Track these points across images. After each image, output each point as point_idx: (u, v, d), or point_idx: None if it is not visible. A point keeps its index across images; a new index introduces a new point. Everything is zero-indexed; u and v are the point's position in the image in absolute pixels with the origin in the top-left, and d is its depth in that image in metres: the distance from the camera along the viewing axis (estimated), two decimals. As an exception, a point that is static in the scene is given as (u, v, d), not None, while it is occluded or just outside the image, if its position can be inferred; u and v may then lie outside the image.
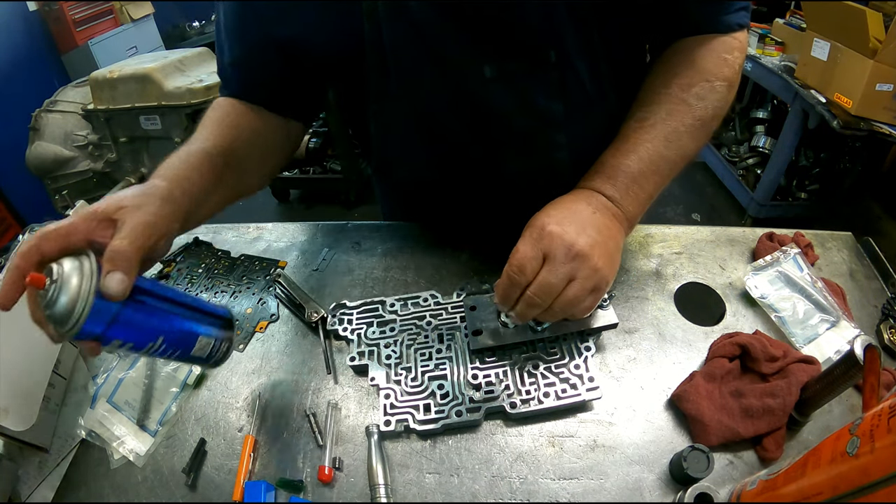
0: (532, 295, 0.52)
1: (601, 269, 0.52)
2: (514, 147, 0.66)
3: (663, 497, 0.51)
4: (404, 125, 0.66)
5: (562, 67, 0.58)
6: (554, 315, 0.54)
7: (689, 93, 0.59)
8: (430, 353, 0.62)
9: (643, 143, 0.58)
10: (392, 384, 0.60)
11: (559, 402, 0.57)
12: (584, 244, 0.51)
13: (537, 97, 0.61)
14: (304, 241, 0.84)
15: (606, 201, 0.57)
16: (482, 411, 0.57)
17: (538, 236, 0.52)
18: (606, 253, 0.53)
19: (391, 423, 0.56)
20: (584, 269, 0.51)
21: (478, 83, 0.59)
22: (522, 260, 0.52)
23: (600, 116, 0.66)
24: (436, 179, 0.75)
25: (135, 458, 0.58)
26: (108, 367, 0.66)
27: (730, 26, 0.61)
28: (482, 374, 0.60)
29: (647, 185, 0.58)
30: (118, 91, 1.33)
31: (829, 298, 0.66)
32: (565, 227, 0.52)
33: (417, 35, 0.56)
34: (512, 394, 0.58)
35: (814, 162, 2.32)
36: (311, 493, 0.54)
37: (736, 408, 0.55)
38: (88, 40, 2.93)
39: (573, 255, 0.51)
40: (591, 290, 0.53)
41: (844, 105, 1.83)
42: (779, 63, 2.24)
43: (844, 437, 0.36)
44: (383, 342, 0.64)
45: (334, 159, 2.76)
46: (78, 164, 1.46)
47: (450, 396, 0.58)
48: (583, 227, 0.53)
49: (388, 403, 0.58)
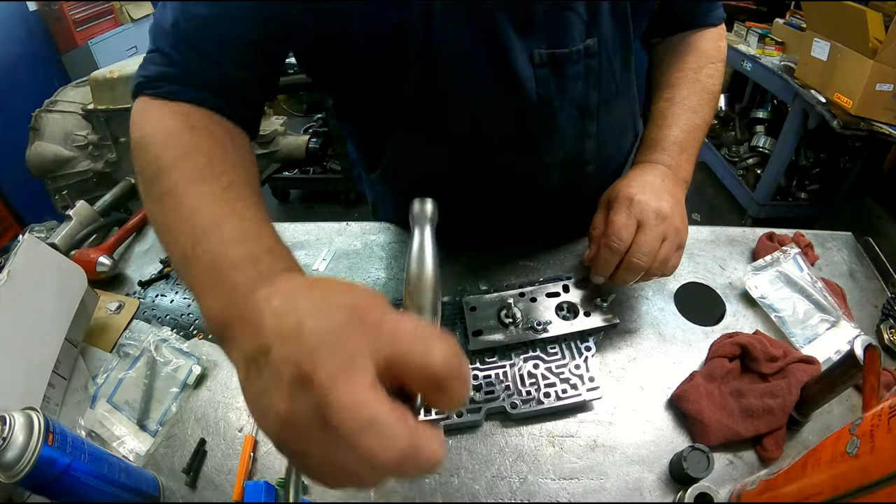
0: (635, 260, 0.57)
1: (681, 229, 0.60)
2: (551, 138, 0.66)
3: (663, 497, 0.51)
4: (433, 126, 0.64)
5: (600, 56, 0.60)
6: (649, 275, 0.59)
7: (700, 73, 0.71)
8: None
9: (678, 116, 0.68)
10: None
11: (559, 402, 0.57)
12: (667, 208, 0.58)
13: (579, 84, 0.61)
14: (304, 241, 0.84)
15: (666, 170, 0.65)
16: (483, 412, 0.57)
17: (628, 205, 0.59)
18: (681, 213, 0.61)
19: None
20: (671, 230, 0.58)
21: (527, 69, 0.58)
22: (621, 228, 0.57)
23: (623, 106, 0.69)
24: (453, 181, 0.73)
25: (135, 458, 0.58)
26: (108, 367, 0.66)
27: (718, 19, 0.75)
28: (482, 375, 0.60)
29: (691, 149, 0.68)
30: (118, 91, 1.33)
31: (829, 298, 0.66)
32: (648, 195, 0.59)
33: (471, 17, 0.54)
34: (512, 394, 0.58)
35: (814, 162, 2.32)
36: (311, 493, 0.54)
37: (736, 408, 0.55)
38: (88, 40, 2.93)
39: (662, 218, 0.58)
40: (678, 247, 0.60)
41: (844, 105, 1.83)
42: (779, 63, 2.24)
43: (844, 437, 0.36)
44: None
45: (334, 159, 2.76)
46: (78, 164, 1.46)
47: None
48: (659, 194, 0.60)
49: None
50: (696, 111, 0.69)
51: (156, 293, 0.78)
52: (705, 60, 0.72)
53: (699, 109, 0.69)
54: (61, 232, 0.87)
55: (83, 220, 0.92)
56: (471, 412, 0.57)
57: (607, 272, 0.60)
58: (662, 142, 0.67)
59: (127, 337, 0.71)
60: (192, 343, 0.69)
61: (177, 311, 0.75)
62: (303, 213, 2.96)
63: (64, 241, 0.86)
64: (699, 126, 0.69)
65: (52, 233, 0.88)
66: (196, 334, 0.71)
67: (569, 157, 0.67)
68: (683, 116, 0.68)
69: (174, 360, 0.66)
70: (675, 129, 0.67)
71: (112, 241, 0.85)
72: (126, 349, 0.68)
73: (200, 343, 0.70)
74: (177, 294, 0.78)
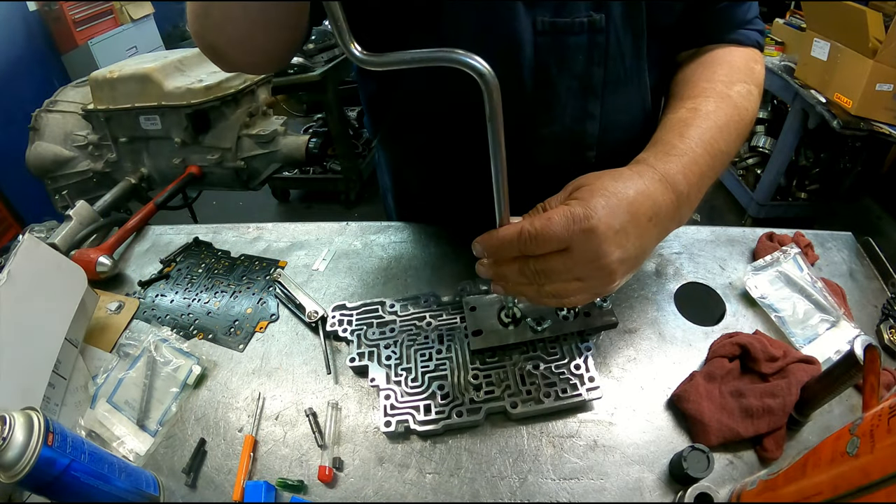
0: (532, 270, 0.46)
1: (615, 286, 0.48)
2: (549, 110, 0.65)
3: (663, 497, 0.51)
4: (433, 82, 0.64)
5: (607, 33, 0.59)
6: (528, 297, 0.49)
7: (732, 89, 0.59)
8: (431, 353, 0.62)
9: (701, 127, 0.54)
10: (392, 385, 0.60)
11: (559, 402, 0.57)
12: (615, 260, 0.45)
13: (581, 58, 0.61)
14: (304, 241, 0.84)
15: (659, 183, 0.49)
16: (483, 412, 0.57)
17: (576, 223, 0.44)
18: (634, 266, 0.48)
19: (392, 425, 0.56)
20: (599, 282, 0.47)
21: (527, 34, 0.59)
22: (547, 235, 0.44)
23: (633, 93, 0.66)
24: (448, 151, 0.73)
25: (135, 458, 0.58)
26: (108, 367, 0.66)
27: (750, 40, 0.66)
28: (482, 375, 0.60)
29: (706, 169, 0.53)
30: (118, 91, 1.33)
31: (829, 298, 0.66)
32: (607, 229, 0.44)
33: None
34: (512, 394, 0.58)
35: (814, 162, 2.32)
36: (311, 493, 0.54)
37: (736, 408, 0.55)
38: (88, 40, 2.93)
39: (596, 266, 0.45)
40: (591, 296, 0.48)
41: (844, 105, 1.83)
42: (779, 63, 2.24)
43: (844, 437, 0.36)
44: (383, 343, 0.64)
45: (334, 159, 2.76)
46: (78, 164, 1.46)
47: (450, 397, 0.58)
48: (626, 232, 0.46)
49: (389, 404, 0.58)
50: (722, 129, 0.55)
51: (156, 293, 0.78)
52: (738, 77, 0.60)
53: (726, 129, 0.55)
54: (61, 232, 0.87)
55: (83, 220, 0.92)
56: (471, 412, 0.57)
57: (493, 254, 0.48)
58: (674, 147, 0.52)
59: (127, 337, 0.71)
60: (192, 343, 0.69)
61: (177, 311, 0.75)
62: (303, 213, 2.97)
63: (64, 241, 0.86)
64: (722, 152, 0.54)
65: (52, 233, 0.88)
66: (196, 334, 0.71)
67: (568, 135, 0.66)
68: (708, 131, 0.54)
69: (174, 360, 0.66)
70: (695, 139, 0.53)
71: (112, 241, 0.85)
72: (126, 349, 0.68)
73: (200, 343, 0.70)
74: (177, 294, 0.78)
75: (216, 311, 0.74)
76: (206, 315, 0.74)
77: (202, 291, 0.77)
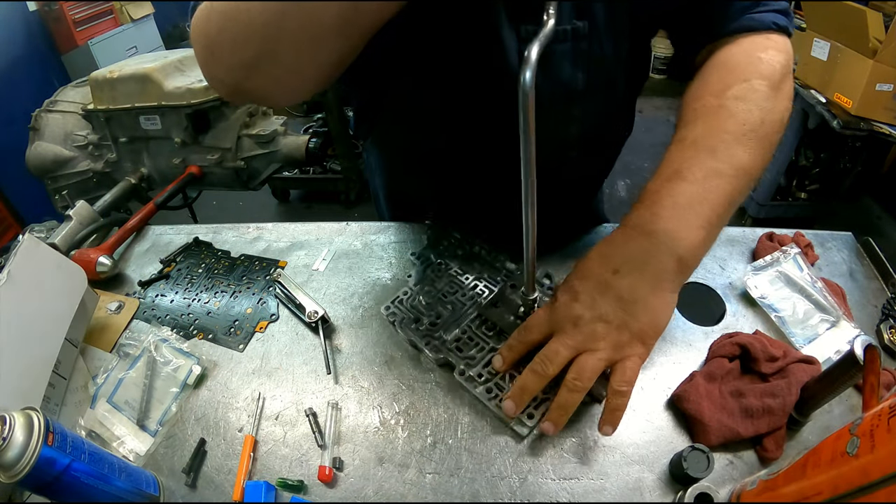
0: (538, 361, 0.53)
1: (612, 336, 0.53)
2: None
3: (663, 497, 0.51)
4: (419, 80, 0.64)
5: (590, 40, 0.59)
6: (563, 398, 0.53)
7: (724, 97, 0.54)
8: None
9: (688, 161, 0.52)
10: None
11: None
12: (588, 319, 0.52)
13: (565, 64, 0.61)
14: (304, 241, 0.84)
15: (623, 235, 0.54)
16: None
17: (548, 306, 0.55)
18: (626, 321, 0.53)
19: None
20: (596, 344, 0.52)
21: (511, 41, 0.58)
22: (531, 321, 0.56)
23: (612, 97, 0.68)
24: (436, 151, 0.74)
25: (135, 458, 0.58)
26: (108, 367, 0.66)
27: (762, 23, 0.58)
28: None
29: (705, 207, 0.51)
30: (118, 91, 1.33)
31: (829, 298, 0.66)
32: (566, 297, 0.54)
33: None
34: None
35: (814, 162, 2.32)
36: (311, 493, 0.54)
37: (736, 408, 0.55)
38: (88, 40, 2.93)
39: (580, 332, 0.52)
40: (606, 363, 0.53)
41: (844, 105, 1.83)
42: (779, 63, 2.24)
43: (844, 437, 0.36)
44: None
45: (334, 159, 2.76)
46: (78, 164, 1.46)
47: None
48: (585, 292, 0.53)
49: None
50: (717, 151, 0.52)
51: (156, 293, 0.78)
52: (732, 78, 0.55)
53: (723, 149, 0.52)
54: (61, 232, 0.87)
55: (83, 220, 0.92)
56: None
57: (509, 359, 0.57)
58: (657, 201, 0.52)
59: (127, 337, 0.71)
60: (192, 343, 0.69)
61: (177, 311, 0.75)
62: (303, 213, 2.97)
63: (64, 241, 0.86)
64: (720, 172, 0.51)
65: (52, 233, 0.88)
66: (196, 334, 0.71)
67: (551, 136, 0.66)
68: (697, 163, 0.52)
69: (174, 360, 0.66)
70: (679, 183, 0.51)
71: (112, 241, 0.85)
72: (126, 349, 0.68)
73: (200, 343, 0.70)
74: (177, 294, 0.78)
75: (216, 311, 0.74)
76: (206, 315, 0.74)
77: (202, 291, 0.77)
